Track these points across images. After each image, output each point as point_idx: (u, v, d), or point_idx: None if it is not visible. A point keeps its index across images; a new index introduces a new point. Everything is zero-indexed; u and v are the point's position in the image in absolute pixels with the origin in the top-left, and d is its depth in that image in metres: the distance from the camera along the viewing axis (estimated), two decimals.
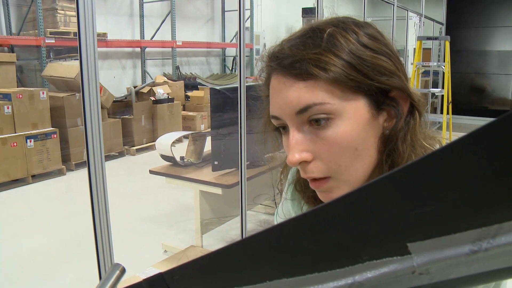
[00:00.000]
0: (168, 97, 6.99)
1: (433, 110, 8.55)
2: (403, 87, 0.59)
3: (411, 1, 7.12)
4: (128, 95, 6.92)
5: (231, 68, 10.18)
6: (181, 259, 2.93)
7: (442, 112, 6.21)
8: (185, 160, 3.15)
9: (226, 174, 2.86)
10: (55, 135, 5.21)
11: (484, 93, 8.81)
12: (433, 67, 6.61)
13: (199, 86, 8.21)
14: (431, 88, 7.47)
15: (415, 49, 6.08)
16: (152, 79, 7.86)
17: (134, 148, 6.35)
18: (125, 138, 6.27)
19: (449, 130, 6.23)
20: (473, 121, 8.00)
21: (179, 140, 5.47)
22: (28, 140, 4.92)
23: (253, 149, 2.49)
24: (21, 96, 4.91)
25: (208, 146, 3.14)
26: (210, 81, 8.75)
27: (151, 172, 3.08)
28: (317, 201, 0.70)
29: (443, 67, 5.87)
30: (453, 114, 6.32)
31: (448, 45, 5.78)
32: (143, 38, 8.24)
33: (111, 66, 7.79)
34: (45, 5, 6.12)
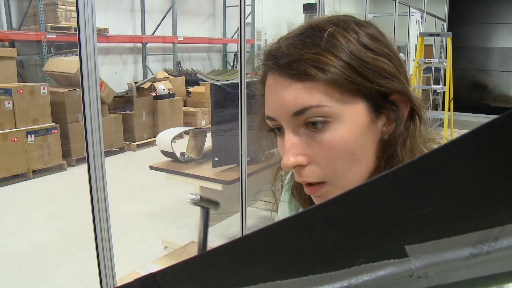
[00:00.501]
0: (169, 92, 6.99)
1: (435, 107, 8.54)
2: (404, 90, 0.57)
3: None
4: (129, 91, 6.92)
5: (232, 64, 10.18)
6: (181, 255, 2.93)
7: (443, 109, 6.20)
8: (185, 156, 3.15)
9: (227, 170, 2.86)
10: (55, 131, 5.21)
11: (486, 90, 8.79)
12: (434, 63, 6.59)
13: (200, 82, 8.21)
14: (433, 85, 7.45)
15: (416, 45, 6.06)
16: (153, 74, 7.85)
17: (135, 143, 6.35)
18: (125, 134, 6.27)
19: (451, 127, 6.22)
20: (474, 118, 7.98)
21: (179, 136, 5.46)
22: (29, 136, 4.92)
23: (253, 145, 2.48)
24: (21, 91, 4.90)
25: (208, 142, 3.13)
26: (211, 77, 8.74)
27: (151, 168, 3.08)
28: (312, 203, 0.69)
29: (444, 63, 5.85)
30: (454, 111, 6.30)
31: (450, 41, 5.76)
32: (144, 34, 8.23)
33: (112, 62, 7.78)
34: (46, 0, 6.11)
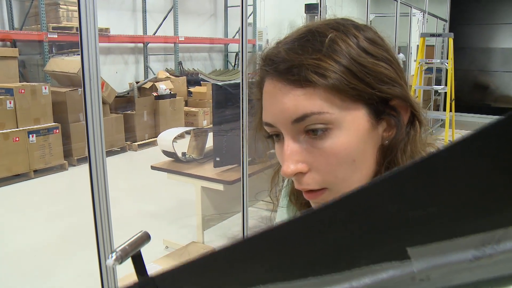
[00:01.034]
0: (171, 92, 6.99)
1: (436, 108, 8.53)
2: (405, 95, 0.57)
3: None
4: (130, 91, 6.92)
5: (233, 64, 10.17)
6: (182, 255, 2.93)
7: (445, 109, 6.19)
8: (187, 156, 3.14)
9: (228, 170, 2.85)
10: (57, 130, 5.21)
11: (487, 91, 8.78)
12: (436, 64, 6.59)
13: (201, 82, 8.20)
14: (434, 85, 7.44)
15: (418, 46, 6.05)
16: (155, 74, 7.85)
17: (136, 143, 6.35)
18: (127, 134, 6.28)
19: (452, 128, 6.21)
20: (476, 118, 7.97)
21: (181, 136, 5.47)
22: (30, 135, 4.92)
23: (251, 148, 2.48)
24: (23, 91, 4.91)
25: (210, 142, 3.13)
26: (213, 77, 8.74)
27: (152, 168, 3.08)
28: (310, 207, 0.69)
29: (446, 64, 5.84)
30: (456, 111, 6.29)
31: (451, 42, 5.75)
32: (146, 34, 8.23)
33: (114, 62, 7.79)
34: (48, 0, 6.11)
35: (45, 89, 5.13)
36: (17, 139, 4.81)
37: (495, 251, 0.22)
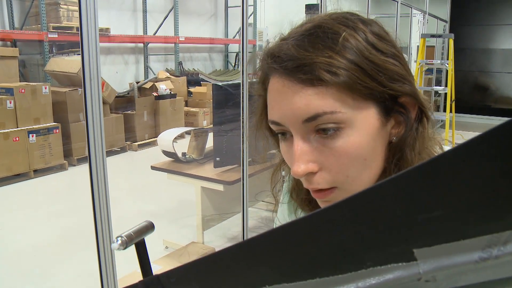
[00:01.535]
0: (171, 92, 6.99)
1: (436, 108, 8.52)
2: (414, 92, 0.56)
3: None
4: (130, 91, 6.92)
5: (234, 64, 10.17)
6: (182, 255, 2.93)
7: (445, 110, 6.19)
8: (187, 156, 3.14)
9: (228, 171, 2.85)
10: (57, 130, 5.21)
11: (487, 92, 8.78)
12: (436, 65, 6.58)
13: (201, 82, 8.20)
14: (434, 86, 7.44)
15: (418, 46, 6.05)
16: (155, 74, 7.85)
17: (136, 143, 6.35)
18: (127, 134, 6.27)
19: (452, 129, 6.21)
20: (476, 119, 7.97)
21: (181, 136, 5.47)
22: (30, 135, 4.92)
23: (251, 146, 2.48)
24: (23, 90, 4.91)
25: (210, 142, 3.13)
26: (213, 77, 8.74)
27: (152, 168, 3.08)
28: (311, 203, 0.68)
29: (446, 65, 5.84)
30: (456, 112, 6.29)
31: (451, 43, 5.75)
32: (146, 34, 8.23)
33: (114, 62, 7.79)
34: None
35: (45, 88, 5.13)
36: (17, 138, 4.80)
37: (502, 252, 0.22)
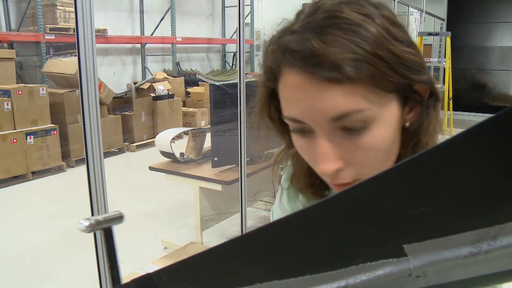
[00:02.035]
0: (168, 93, 6.98)
1: None
2: (431, 80, 0.55)
3: None
4: (128, 91, 6.92)
5: (231, 64, 10.17)
6: (181, 256, 2.92)
7: (442, 108, 6.19)
8: (185, 156, 3.14)
9: (226, 171, 2.85)
10: (55, 132, 5.20)
11: (485, 89, 8.79)
12: (433, 63, 6.59)
13: (199, 82, 8.20)
14: None
15: None
16: (152, 75, 7.84)
17: (134, 144, 6.34)
18: (125, 135, 6.27)
19: (450, 126, 6.22)
20: (474, 117, 7.98)
21: (179, 136, 5.47)
22: (28, 137, 4.91)
23: (252, 145, 2.48)
24: (20, 92, 4.90)
25: (208, 142, 3.13)
26: (211, 77, 8.74)
27: (151, 169, 3.07)
28: (313, 187, 0.67)
29: (443, 63, 5.85)
30: (454, 110, 6.31)
31: (449, 41, 5.76)
32: (143, 34, 8.22)
33: (111, 62, 7.78)
34: (45, 1, 6.10)
35: (43, 90, 5.12)
36: (14, 140, 4.80)
37: (491, 247, 0.22)
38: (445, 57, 5.89)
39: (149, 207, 4.07)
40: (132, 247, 3.22)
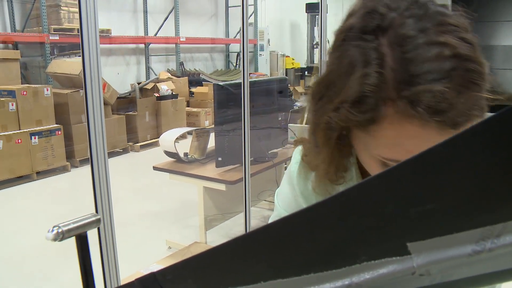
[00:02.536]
0: (172, 93, 6.99)
1: None
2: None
3: None
4: (132, 92, 6.93)
5: (235, 64, 10.17)
6: (185, 256, 2.91)
7: None
8: (188, 156, 3.14)
9: (230, 170, 2.85)
10: (59, 132, 5.22)
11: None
12: None
13: (203, 82, 8.20)
14: None
15: None
16: (156, 75, 7.85)
17: (138, 144, 6.35)
18: (129, 135, 6.28)
19: None
20: None
21: (183, 136, 5.47)
22: (33, 137, 4.93)
23: (257, 145, 2.48)
24: (25, 93, 4.92)
25: (211, 142, 3.13)
26: (214, 77, 8.74)
27: (155, 169, 3.08)
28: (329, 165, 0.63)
29: None
30: None
31: None
32: (147, 34, 8.24)
33: (115, 63, 7.79)
34: (49, 1, 6.12)
35: (47, 90, 5.13)
36: (19, 141, 4.81)
37: (495, 245, 0.22)
38: None
39: (153, 207, 4.08)
40: (136, 246, 3.23)
